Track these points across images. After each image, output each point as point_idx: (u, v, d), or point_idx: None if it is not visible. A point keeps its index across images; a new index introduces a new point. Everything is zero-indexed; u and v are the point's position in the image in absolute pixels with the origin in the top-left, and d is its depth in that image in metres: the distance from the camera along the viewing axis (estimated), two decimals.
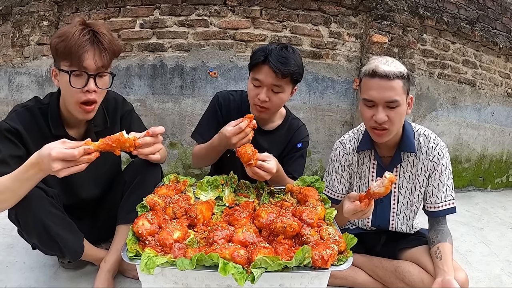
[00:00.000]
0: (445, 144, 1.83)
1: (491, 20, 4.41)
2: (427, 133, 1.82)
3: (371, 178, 1.90)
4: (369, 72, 1.63)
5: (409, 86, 1.67)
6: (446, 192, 1.79)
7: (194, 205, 1.48)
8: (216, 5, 3.40)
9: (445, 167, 1.79)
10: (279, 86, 1.86)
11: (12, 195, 1.39)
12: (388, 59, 1.66)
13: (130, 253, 1.20)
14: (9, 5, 3.89)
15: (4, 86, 4.03)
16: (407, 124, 1.80)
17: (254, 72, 1.89)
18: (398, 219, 1.93)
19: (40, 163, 1.28)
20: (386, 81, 1.58)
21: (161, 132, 1.52)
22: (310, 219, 1.38)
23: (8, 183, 1.36)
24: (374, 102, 1.63)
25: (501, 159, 4.91)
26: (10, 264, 2.04)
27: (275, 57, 1.81)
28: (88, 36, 1.52)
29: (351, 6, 3.55)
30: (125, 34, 3.49)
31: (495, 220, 3.49)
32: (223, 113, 2.14)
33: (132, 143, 1.40)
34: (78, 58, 1.49)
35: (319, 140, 3.69)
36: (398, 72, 1.59)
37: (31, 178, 1.34)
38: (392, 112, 1.62)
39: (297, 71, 1.88)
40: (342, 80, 3.62)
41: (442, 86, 4.09)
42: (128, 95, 3.51)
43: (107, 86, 1.65)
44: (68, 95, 1.59)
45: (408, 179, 1.86)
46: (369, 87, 1.63)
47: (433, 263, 1.66)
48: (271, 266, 1.11)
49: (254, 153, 1.63)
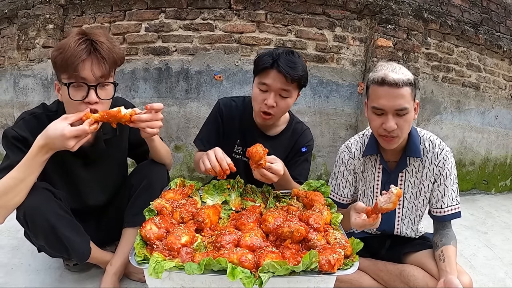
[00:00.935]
0: (450, 149, 1.83)
1: (495, 23, 4.40)
2: (432, 138, 1.83)
3: (376, 182, 1.90)
4: (378, 80, 1.62)
5: (415, 91, 1.67)
6: (452, 197, 1.79)
7: (201, 210, 1.49)
8: (221, 9, 3.42)
9: (450, 172, 1.79)
10: (287, 90, 1.86)
11: (23, 186, 1.44)
12: (396, 66, 1.66)
13: (138, 257, 1.20)
14: (15, 8, 3.90)
15: (10, 89, 4.05)
16: (413, 129, 1.80)
17: (261, 77, 1.88)
18: (403, 224, 1.93)
19: (50, 143, 1.37)
20: (395, 89, 1.58)
21: (159, 109, 1.55)
22: (316, 224, 1.38)
23: (16, 175, 1.42)
24: (384, 110, 1.63)
25: (505, 162, 4.89)
26: (15, 267, 2.05)
27: (284, 61, 1.81)
28: (85, 45, 1.49)
29: (355, 10, 3.55)
30: (130, 38, 3.51)
31: (499, 223, 3.48)
32: (224, 120, 2.14)
33: (128, 118, 1.48)
34: (74, 69, 1.46)
35: (324, 144, 3.69)
36: (406, 80, 1.59)
37: (39, 161, 1.42)
38: (401, 119, 1.62)
39: (305, 76, 1.90)
40: (347, 84, 3.62)
41: (446, 90, 4.09)
42: (134, 99, 3.52)
43: (109, 96, 1.61)
44: (70, 109, 1.55)
45: (413, 184, 1.86)
46: (379, 95, 1.62)
47: (437, 266, 1.67)
48: (279, 270, 1.12)
49: (265, 152, 1.62)
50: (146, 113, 1.53)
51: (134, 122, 1.50)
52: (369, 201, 1.94)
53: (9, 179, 1.41)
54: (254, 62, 1.94)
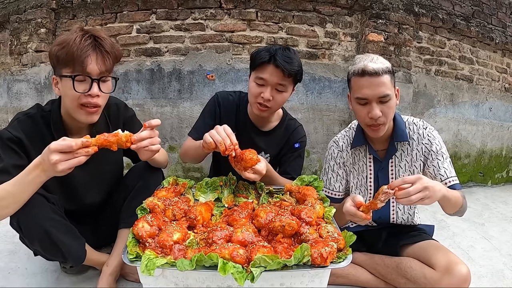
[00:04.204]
0: (434, 128, 1.88)
1: (487, 15, 4.41)
2: (416, 121, 1.89)
3: (369, 172, 1.93)
4: (358, 71, 1.69)
5: (394, 79, 1.74)
6: (449, 168, 1.80)
7: (193, 207, 1.49)
8: (212, 8, 3.42)
9: (440, 146, 1.83)
10: (283, 85, 1.90)
11: (14, 200, 1.39)
12: (373, 56, 1.73)
13: (130, 255, 1.20)
14: (7, 13, 3.90)
15: (3, 94, 4.04)
16: (397, 115, 1.86)
17: (258, 71, 1.90)
18: (398, 209, 1.96)
19: (42, 162, 1.30)
20: (375, 78, 1.65)
21: (157, 125, 1.52)
22: (308, 218, 1.38)
23: (9, 188, 1.36)
24: (367, 100, 1.69)
25: (500, 154, 4.91)
26: (12, 271, 2.04)
27: (281, 56, 1.85)
28: (90, 41, 1.53)
29: (346, 6, 3.56)
30: (122, 40, 3.51)
31: (496, 215, 3.49)
32: (221, 112, 2.15)
33: (128, 138, 1.43)
34: (81, 63, 1.50)
35: (318, 140, 3.70)
36: (385, 68, 1.67)
37: (33, 181, 1.35)
38: (385, 106, 1.68)
39: (300, 71, 1.95)
40: (339, 80, 3.62)
41: (439, 83, 4.10)
42: (127, 100, 3.52)
43: (109, 90, 1.66)
44: (70, 99, 1.58)
45: (404, 167, 1.88)
46: (361, 85, 1.69)
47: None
48: (270, 264, 1.11)
49: (257, 160, 1.64)
50: (145, 131, 1.50)
51: (135, 143, 1.46)
52: (363, 192, 1.97)
53: (1, 190, 1.38)
54: (251, 57, 1.97)
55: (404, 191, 1.37)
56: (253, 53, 1.96)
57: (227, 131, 1.64)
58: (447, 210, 1.71)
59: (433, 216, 3.19)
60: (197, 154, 2.00)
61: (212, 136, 1.63)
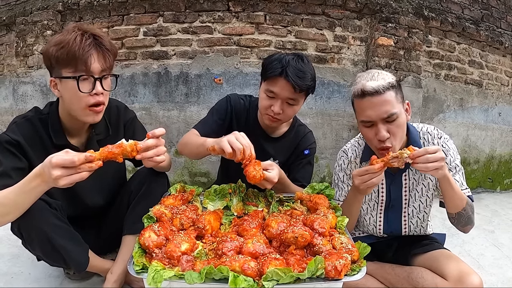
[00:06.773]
0: (448, 136, 1.80)
1: (496, 19, 4.38)
2: (430, 130, 1.81)
3: (381, 187, 1.87)
4: (358, 93, 1.60)
5: (402, 93, 1.64)
6: (460, 180, 1.74)
7: (201, 216, 1.45)
8: (219, 11, 3.39)
9: (454, 158, 1.76)
10: (294, 99, 1.85)
11: (15, 208, 1.37)
12: (374, 72, 1.63)
13: (136, 266, 1.17)
14: (13, 15, 3.90)
15: (9, 96, 4.03)
16: (410, 126, 1.78)
17: (268, 84, 1.85)
18: (411, 223, 1.91)
19: (43, 173, 1.26)
20: (377, 97, 1.55)
21: (162, 134, 1.46)
22: (321, 228, 1.35)
23: (11, 195, 1.34)
24: (372, 121, 1.60)
25: (509, 160, 4.85)
26: (15, 275, 2.03)
27: (293, 70, 1.77)
28: (90, 40, 1.52)
29: (355, 10, 3.53)
30: (128, 42, 3.49)
31: (505, 222, 3.44)
32: (232, 114, 2.11)
33: (134, 147, 1.36)
34: (84, 62, 1.49)
35: (327, 145, 3.66)
36: (387, 84, 1.56)
37: (34, 190, 1.32)
38: (392, 126, 1.59)
39: (313, 84, 1.89)
40: (348, 84, 3.57)
41: (448, 88, 4.06)
42: (133, 104, 3.50)
43: (111, 87, 1.65)
44: (75, 101, 1.55)
45: (417, 180, 1.83)
46: (363, 108, 1.60)
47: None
48: (283, 278, 1.08)
49: (262, 177, 1.53)
50: (151, 139, 1.43)
51: (141, 152, 1.39)
52: (374, 206, 1.92)
53: (2, 197, 1.36)
54: (263, 65, 1.91)
55: (424, 157, 1.39)
56: (264, 61, 1.90)
57: (248, 141, 1.56)
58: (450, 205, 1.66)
59: (442, 224, 3.14)
60: (198, 151, 1.88)
61: (231, 143, 1.53)
